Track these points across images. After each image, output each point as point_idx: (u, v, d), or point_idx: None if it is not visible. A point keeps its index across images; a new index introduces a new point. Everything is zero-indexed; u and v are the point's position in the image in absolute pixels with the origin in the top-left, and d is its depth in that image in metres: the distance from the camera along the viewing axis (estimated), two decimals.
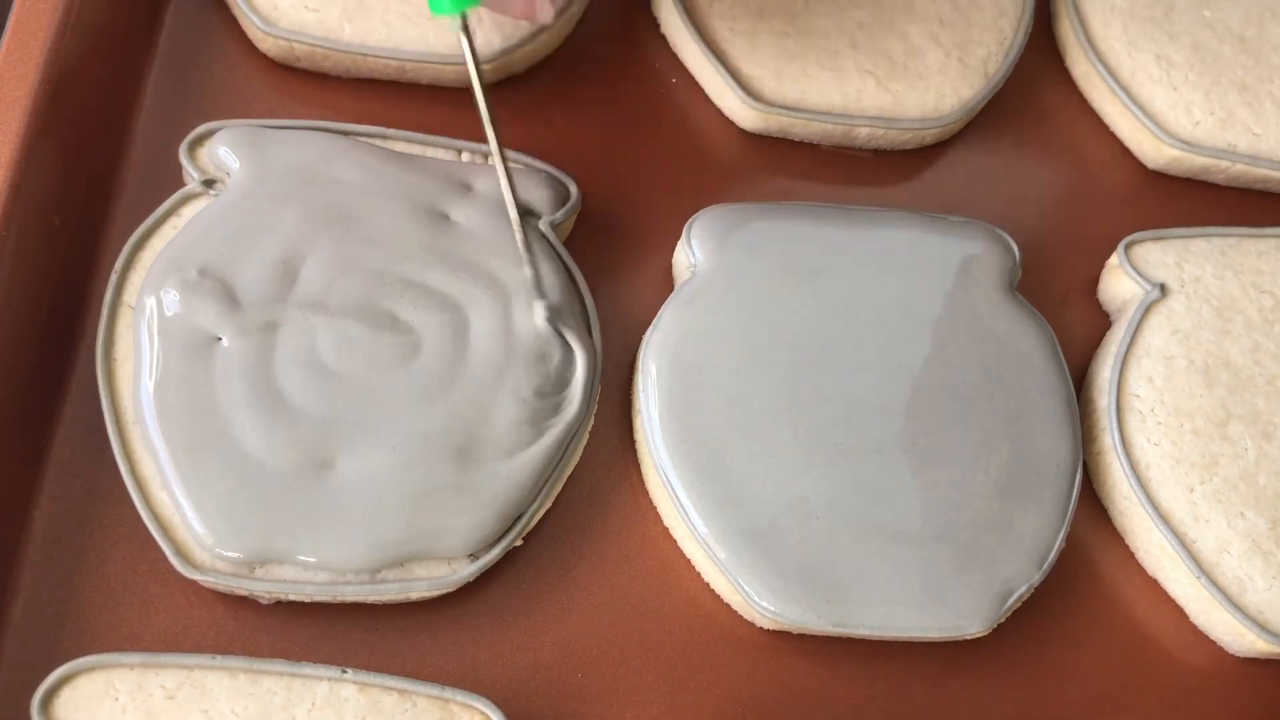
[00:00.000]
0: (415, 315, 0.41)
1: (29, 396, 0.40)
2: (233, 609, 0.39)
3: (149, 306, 0.40)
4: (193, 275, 0.40)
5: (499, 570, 0.40)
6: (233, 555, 0.37)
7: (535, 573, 0.41)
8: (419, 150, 0.45)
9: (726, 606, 0.41)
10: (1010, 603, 0.40)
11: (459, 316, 0.41)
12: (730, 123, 0.49)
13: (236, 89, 0.47)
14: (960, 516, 0.41)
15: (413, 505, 0.38)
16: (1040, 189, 0.51)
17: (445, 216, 0.43)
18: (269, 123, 0.44)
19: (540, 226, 0.44)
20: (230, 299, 0.40)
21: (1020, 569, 0.41)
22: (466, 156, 0.45)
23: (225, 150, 0.43)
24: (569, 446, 0.41)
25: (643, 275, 0.46)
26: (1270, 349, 0.45)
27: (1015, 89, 0.51)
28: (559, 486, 0.41)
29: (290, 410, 0.39)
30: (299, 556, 0.38)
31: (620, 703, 0.40)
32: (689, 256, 0.44)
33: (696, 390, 0.41)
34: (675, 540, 0.42)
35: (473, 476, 0.39)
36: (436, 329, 0.41)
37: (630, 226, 0.47)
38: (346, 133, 0.44)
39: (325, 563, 0.38)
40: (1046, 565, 0.41)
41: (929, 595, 0.40)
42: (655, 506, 0.42)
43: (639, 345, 0.43)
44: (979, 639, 0.41)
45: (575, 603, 0.41)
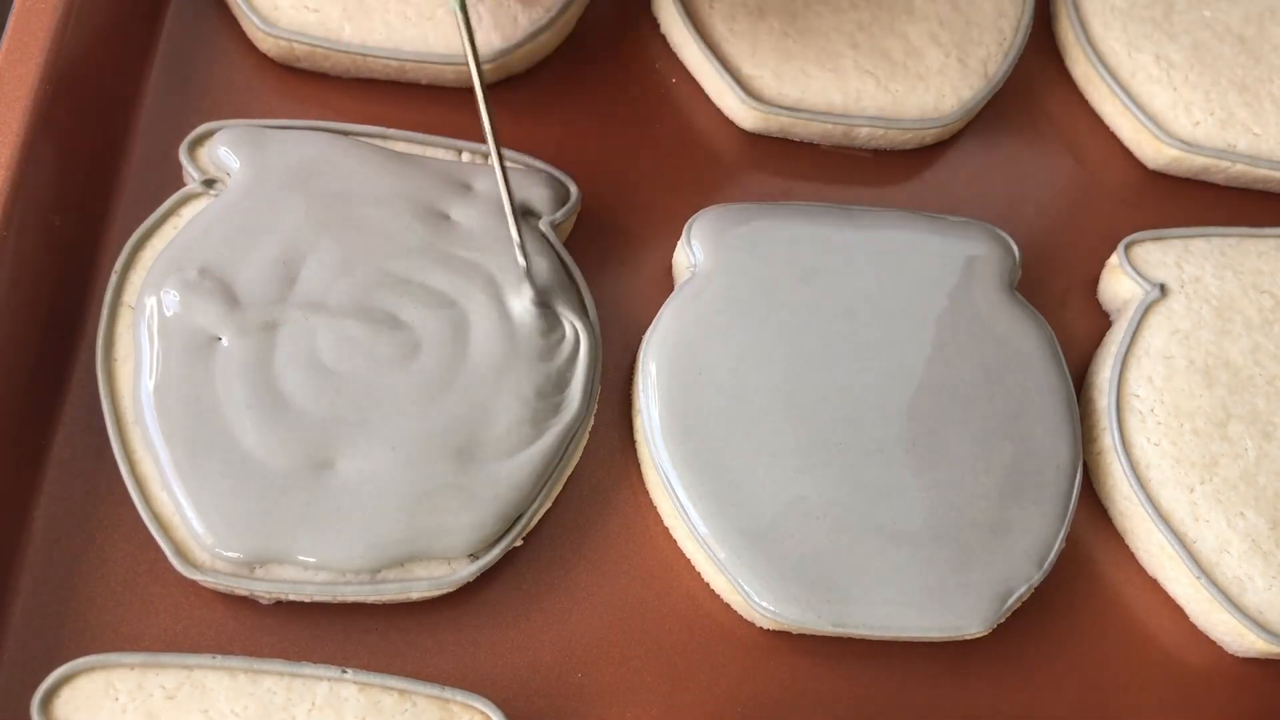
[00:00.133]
0: (415, 315, 0.41)
1: (29, 396, 0.40)
2: (233, 609, 0.39)
3: (149, 306, 0.40)
4: (193, 275, 0.40)
5: (499, 570, 0.40)
6: (233, 555, 0.37)
7: (535, 573, 0.41)
8: (419, 150, 0.45)
9: (726, 606, 0.41)
10: (1010, 603, 0.40)
11: (459, 316, 0.41)
12: (730, 123, 0.49)
13: (236, 89, 0.47)
14: (960, 516, 0.41)
15: (413, 505, 0.38)
16: (1040, 189, 0.51)
17: (445, 216, 0.43)
18: (269, 123, 0.44)
19: (540, 226, 0.44)
20: (230, 299, 0.40)
21: (1020, 569, 0.41)
22: (466, 156, 0.45)
23: (225, 150, 0.43)
24: (569, 446, 0.41)
25: (643, 275, 0.46)
26: (1270, 349, 0.45)
27: (1015, 89, 0.51)
28: (559, 486, 0.41)
29: (290, 410, 0.39)
30: (299, 556, 0.38)
31: (620, 703, 0.40)
32: (689, 256, 0.44)
33: (696, 390, 0.41)
34: (675, 540, 0.42)
35: (473, 476, 0.39)
36: (436, 329, 0.41)
37: (630, 226, 0.47)
38: (346, 133, 0.44)
39: (325, 563, 0.38)
40: (1046, 565, 0.41)
41: (929, 595, 0.40)
42: (655, 506, 0.42)
43: (639, 345, 0.43)
44: (979, 639, 0.41)
45: (575, 603, 0.41)
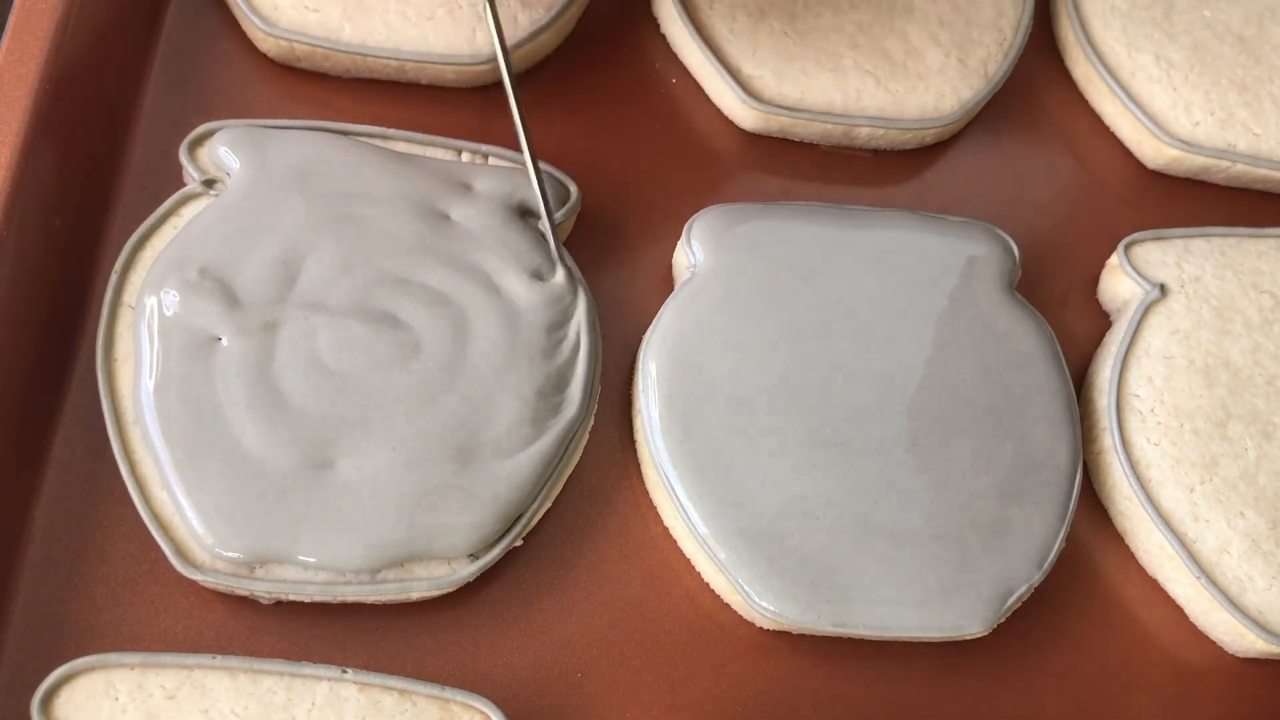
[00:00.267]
0: (415, 315, 0.41)
1: (29, 396, 0.40)
2: (233, 609, 0.39)
3: (149, 306, 0.40)
4: (193, 275, 0.40)
5: (499, 570, 0.40)
6: (233, 555, 0.37)
7: (535, 573, 0.41)
8: (419, 150, 0.45)
9: (726, 606, 0.41)
10: (1010, 603, 0.40)
11: (459, 316, 0.41)
12: (730, 123, 0.49)
13: (236, 89, 0.47)
14: (960, 516, 0.41)
15: (413, 505, 0.38)
16: (1040, 189, 0.51)
17: (445, 216, 0.43)
18: (269, 123, 0.44)
19: (540, 226, 0.44)
20: (230, 299, 0.40)
21: (1020, 569, 0.41)
22: (466, 156, 0.45)
23: (225, 150, 0.43)
24: (569, 446, 0.41)
25: (643, 275, 0.46)
26: (1270, 349, 0.45)
27: (1015, 89, 0.51)
28: (559, 486, 0.41)
29: (290, 410, 0.39)
30: (299, 556, 0.38)
31: (620, 703, 0.40)
32: (689, 256, 0.44)
33: (696, 390, 0.41)
34: (675, 540, 0.42)
35: (473, 476, 0.39)
36: (436, 329, 0.41)
37: (630, 226, 0.47)
38: (346, 133, 0.44)
39: (325, 563, 0.38)
40: (1046, 565, 0.41)
41: (929, 595, 0.40)
42: (655, 506, 0.42)
43: (639, 345, 0.43)
44: (979, 639, 0.41)
45: (575, 603, 0.41)
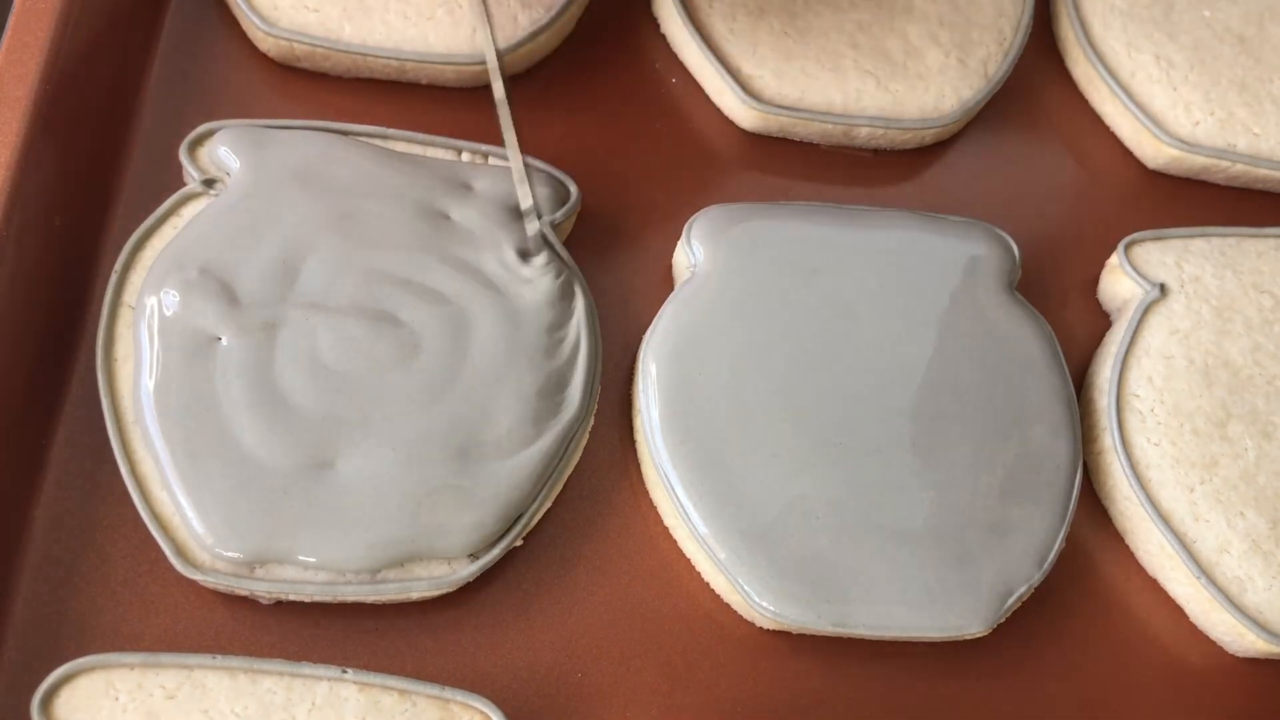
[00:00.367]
0: (415, 315, 0.41)
1: (29, 396, 0.40)
2: (233, 609, 0.39)
3: (149, 306, 0.40)
4: (193, 275, 0.40)
5: (499, 570, 0.40)
6: (233, 555, 0.37)
7: (535, 573, 0.41)
8: (419, 150, 0.45)
9: (726, 606, 0.41)
10: (1010, 603, 0.40)
11: (459, 316, 0.41)
12: (730, 122, 0.49)
13: (236, 89, 0.47)
14: (960, 516, 0.41)
15: (413, 505, 0.38)
16: (1040, 189, 0.51)
17: (445, 216, 0.43)
18: (269, 123, 0.44)
19: (540, 226, 0.44)
20: (230, 299, 0.40)
21: (1020, 569, 0.41)
22: (466, 156, 0.45)
23: (225, 150, 0.43)
24: (569, 446, 0.41)
25: (643, 275, 0.46)
26: (1270, 349, 0.45)
27: (1015, 89, 0.51)
28: (559, 486, 0.41)
29: (290, 410, 0.39)
30: (299, 556, 0.38)
31: (620, 703, 0.40)
32: (689, 256, 0.44)
33: (696, 390, 0.41)
34: (675, 540, 0.42)
35: (473, 476, 0.39)
36: (436, 329, 0.41)
37: (630, 226, 0.47)
38: (346, 133, 0.44)
39: (325, 563, 0.38)
40: (1046, 565, 0.41)
41: (929, 595, 0.40)
42: (655, 506, 0.42)
43: (639, 345, 0.43)
44: (979, 639, 0.41)
45: (575, 603, 0.41)
